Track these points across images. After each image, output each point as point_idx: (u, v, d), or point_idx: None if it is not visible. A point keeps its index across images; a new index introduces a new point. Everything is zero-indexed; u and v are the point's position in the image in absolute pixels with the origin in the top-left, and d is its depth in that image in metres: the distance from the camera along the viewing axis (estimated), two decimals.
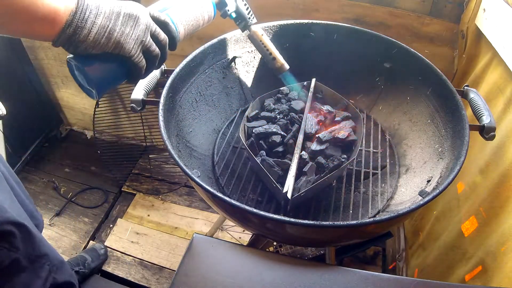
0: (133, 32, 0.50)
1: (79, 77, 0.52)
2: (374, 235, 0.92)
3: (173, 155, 0.69)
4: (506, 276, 0.74)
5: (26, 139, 1.85)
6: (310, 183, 0.77)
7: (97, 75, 0.51)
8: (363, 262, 1.44)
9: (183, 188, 1.75)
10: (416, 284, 0.62)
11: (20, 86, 1.71)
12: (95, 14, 0.46)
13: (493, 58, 0.95)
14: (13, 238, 0.84)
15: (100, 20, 0.46)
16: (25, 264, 0.88)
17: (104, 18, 0.47)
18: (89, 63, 0.50)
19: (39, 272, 0.93)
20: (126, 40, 0.49)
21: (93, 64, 0.50)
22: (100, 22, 0.46)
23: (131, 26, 0.49)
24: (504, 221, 0.79)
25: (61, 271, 1.02)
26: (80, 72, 0.51)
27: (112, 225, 1.61)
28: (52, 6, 0.43)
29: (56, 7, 0.43)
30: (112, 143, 1.88)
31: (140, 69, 0.53)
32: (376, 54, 0.99)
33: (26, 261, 0.89)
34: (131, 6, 0.50)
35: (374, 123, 1.03)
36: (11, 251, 0.84)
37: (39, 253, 0.93)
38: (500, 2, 0.88)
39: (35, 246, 0.91)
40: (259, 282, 0.63)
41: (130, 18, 0.49)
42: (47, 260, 0.96)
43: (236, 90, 1.06)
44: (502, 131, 0.85)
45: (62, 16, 0.44)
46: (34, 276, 0.92)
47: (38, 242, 0.93)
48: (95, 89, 0.52)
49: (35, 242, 0.91)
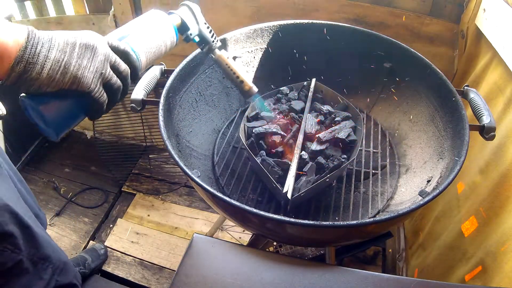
0: (91, 64, 0.45)
1: (35, 117, 0.47)
2: (374, 235, 0.92)
3: (173, 155, 0.69)
4: (506, 276, 0.74)
5: (26, 139, 1.85)
6: (310, 183, 0.77)
7: (54, 114, 0.46)
8: (363, 262, 1.44)
9: (183, 188, 1.75)
10: (416, 284, 0.62)
11: None
12: (48, 48, 0.42)
13: (493, 58, 0.95)
14: (17, 240, 0.83)
15: (53, 53, 0.42)
16: (28, 266, 0.88)
17: (58, 51, 0.43)
18: (44, 102, 0.45)
19: (42, 274, 0.93)
20: (84, 73, 0.45)
21: (48, 103, 0.46)
22: (54, 56, 0.42)
23: (88, 58, 0.45)
24: (504, 221, 0.79)
25: (64, 272, 1.01)
26: (34, 112, 0.46)
27: (112, 225, 1.61)
28: (0, 41, 0.39)
29: (3, 41, 0.39)
30: (112, 143, 1.88)
31: (101, 105, 0.49)
32: (376, 54, 0.99)
33: (29, 263, 0.88)
34: (87, 36, 0.46)
35: (374, 123, 1.03)
36: (14, 253, 0.83)
37: (42, 255, 0.93)
38: (500, 2, 0.88)
39: (38, 247, 0.91)
40: (259, 282, 0.63)
41: (87, 49, 0.45)
42: (50, 262, 0.95)
43: (236, 90, 1.06)
44: (502, 131, 0.85)
45: (11, 51, 0.40)
46: (37, 278, 0.92)
47: (42, 244, 0.92)
48: (53, 130, 0.47)
49: (38, 244, 0.91)
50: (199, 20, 0.69)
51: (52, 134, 0.48)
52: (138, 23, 0.60)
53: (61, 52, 0.43)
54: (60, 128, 0.48)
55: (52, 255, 0.96)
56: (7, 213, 0.80)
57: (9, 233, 0.81)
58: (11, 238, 0.82)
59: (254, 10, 1.22)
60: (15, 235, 0.82)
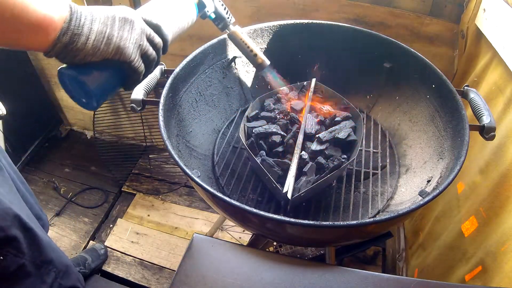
0: (131, 36, 0.48)
1: (74, 88, 0.49)
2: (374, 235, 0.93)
3: (173, 155, 0.69)
4: (506, 276, 0.74)
5: (26, 139, 1.85)
6: (310, 183, 0.77)
7: (95, 84, 0.48)
8: (363, 262, 1.44)
9: (183, 188, 1.75)
10: (416, 284, 0.62)
11: (20, 86, 1.71)
12: (91, 20, 0.44)
13: (493, 58, 0.95)
14: (20, 244, 0.83)
15: (96, 25, 0.45)
16: (31, 269, 0.87)
17: (100, 24, 0.45)
18: (86, 73, 0.47)
19: (45, 278, 0.92)
20: (126, 44, 0.47)
21: (90, 73, 0.47)
22: (97, 27, 0.45)
23: (128, 30, 0.48)
24: (504, 221, 0.79)
25: (67, 276, 1.01)
26: (75, 83, 0.48)
27: (112, 225, 1.61)
28: (45, 13, 0.41)
29: (48, 14, 0.41)
30: (112, 143, 1.88)
31: (139, 74, 0.52)
32: (376, 54, 0.99)
33: (32, 267, 0.88)
34: (124, 10, 0.49)
35: (374, 123, 1.03)
36: (17, 257, 0.83)
37: (45, 259, 0.92)
38: (500, 2, 0.88)
39: (41, 251, 0.91)
40: (259, 282, 0.63)
41: (126, 22, 0.48)
42: (53, 265, 0.95)
43: (236, 90, 1.06)
44: (502, 131, 0.85)
45: (56, 23, 0.42)
46: (40, 281, 0.91)
47: (45, 247, 0.92)
48: (94, 100, 0.49)
49: (41, 247, 0.90)
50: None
51: (91, 104, 0.50)
52: (164, 0, 0.62)
53: (103, 24, 0.45)
54: (100, 98, 0.50)
55: (54, 258, 0.96)
56: (10, 216, 0.80)
57: (12, 237, 0.80)
58: (14, 242, 0.81)
59: (254, 10, 1.22)
60: (18, 239, 0.82)
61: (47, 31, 0.42)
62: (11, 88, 1.64)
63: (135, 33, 0.49)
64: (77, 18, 0.43)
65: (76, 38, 0.44)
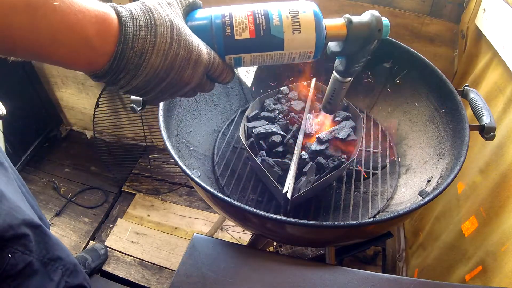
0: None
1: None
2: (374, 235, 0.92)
3: (173, 155, 0.69)
4: (506, 276, 0.74)
5: (26, 139, 1.85)
6: (310, 183, 0.77)
7: None
8: (363, 262, 1.44)
9: (183, 188, 1.75)
10: (416, 284, 0.62)
11: (20, 86, 1.71)
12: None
13: (493, 58, 0.95)
14: (28, 241, 0.83)
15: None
16: (38, 267, 0.87)
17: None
18: None
19: (52, 276, 0.92)
20: None
21: None
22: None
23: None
24: (504, 221, 0.79)
25: (74, 274, 1.01)
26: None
27: (112, 225, 1.61)
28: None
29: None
30: (112, 143, 1.88)
31: None
32: (376, 54, 0.99)
33: (39, 264, 0.88)
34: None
35: (374, 123, 1.03)
36: (25, 254, 0.83)
37: (53, 256, 0.92)
38: (500, 2, 0.88)
39: (48, 248, 0.91)
40: (259, 282, 0.63)
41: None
42: (60, 263, 0.95)
43: (236, 90, 1.06)
44: (502, 131, 0.85)
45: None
46: (47, 279, 0.91)
47: (52, 245, 0.92)
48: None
49: (49, 245, 0.90)
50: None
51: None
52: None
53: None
54: None
55: (62, 256, 0.96)
56: (19, 214, 0.80)
57: (21, 234, 0.80)
58: (23, 240, 0.81)
59: None
60: (27, 236, 0.82)
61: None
62: (11, 88, 1.64)
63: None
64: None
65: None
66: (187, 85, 0.41)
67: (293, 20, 0.42)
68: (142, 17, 0.36)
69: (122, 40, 0.35)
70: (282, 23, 0.42)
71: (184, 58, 0.38)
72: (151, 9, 0.37)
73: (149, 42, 0.36)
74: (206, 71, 0.42)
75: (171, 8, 0.39)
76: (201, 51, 0.40)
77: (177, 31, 0.38)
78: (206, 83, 0.44)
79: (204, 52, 0.40)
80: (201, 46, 0.40)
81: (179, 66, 0.38)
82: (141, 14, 0.36)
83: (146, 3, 0.37)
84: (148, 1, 0.38)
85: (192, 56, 0.39)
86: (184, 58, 0.38)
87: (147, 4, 0.37)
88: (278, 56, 0.44)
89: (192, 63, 0.39)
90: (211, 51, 0.42)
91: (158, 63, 0.37)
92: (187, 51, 0.38)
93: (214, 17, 0.42)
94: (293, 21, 0.42)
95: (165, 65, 0.37)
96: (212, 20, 0.42)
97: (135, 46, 0.35)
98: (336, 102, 0.68)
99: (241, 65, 0.45)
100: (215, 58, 0.42)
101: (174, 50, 0.37)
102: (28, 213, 0.83)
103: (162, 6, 0.38)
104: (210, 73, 0.43)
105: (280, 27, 0.42)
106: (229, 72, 0.45)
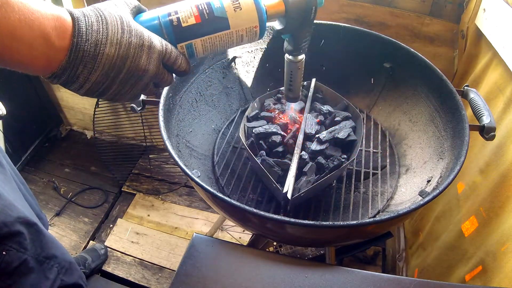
0: None
1: None
2: (374, 235, 0.92)
3: (173, 155, 0.69)
4: (506, 276, 0.74)
5: (26, 139, 1.85)
6: (310, 183, 0.77)
7: None
8: (363, 262, 1.44)
9: (183, 188, 1.75)
10: (416, 284, 0.62)
11: (20, 86, 1.71)
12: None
13: (493, 58, 0.95)
14: (23, 239, 0.83)
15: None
16: (33, 265, 0.87)
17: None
18: None
19: (47, 274, 0.92)
20: None
21: None
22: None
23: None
24: (504, 221, 0.79)
25: (70, 272, 1.01)
26: None
27: (112, 225, 1.61)
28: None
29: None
30: (112, 143, 1.88)
31: None
32: (376, 54, 0.99)
33: (34, 262, 0.88)
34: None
35: (374, 123, 1.03)
36: (20, 252, 0.83)
37: (48, 254, 0.92)
38: (500, 2, 0.88)
39: (43, 246, 0.91)
40: (259, 282, 0.63)
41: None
42: (56, 261, 0.95)
43: (236, 90, 1.06)
44: (502, 131, 0.85)
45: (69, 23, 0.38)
46: (42, 277, 0.91)
47: (47, 243, 0.92)
48: None
49: (44, 243, 0.90)
50: None
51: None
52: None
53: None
54: None
55: (57, 254, 0.96)
56: (13, 212, 0.80)
57: (15, 232, 0.80)
58: (17, 237, 0.82)
59: None
60: (21, 234, 0.82)
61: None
62: (11, 88, 1.64)
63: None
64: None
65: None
66: (145, 73, 0.43)
67: (232, 0, 0.47)
68: (92, 15, 0.40)
69: (76, 33, 0.38)
70: (222, 4, 0.46)
71: (138, 45, 0.41)
72: (100, 8, 0.41)
73: (102, 34, 0.39)
74: (161, 58, 0.44)
75: (119, 8, 0.43)
76: (153, 38, 0.43)
77: (127, 23, 0.41)
78: (164, 72, 0.46)
79: (156, 39, 0.43)
80: (152, 35, 0.43)
81: (134, 53, 0.41)
82: (91, 12, 0.40)
83: (95, 5, 0.41)
84: (96, 4, 0.41)
85: (145, 43, 0.42)
86: (137, 45, 0.41)
87: (96, 5, 0.41)
88: (227, 37, 0.48)
89: (146, 49, 0.42)
90: (163, 40, 0.44)
91: (114, 52, 0.39)
92: (139, 39, 0.41)
93: (161, 16, 0.46)
94: (232, 1, 0.47)
95: (120, 54, 0.40)
96: (159, 19, 0.45)
97: (89, 39, 0.38)
98: (296, 87, 0.70)
99: (194, 53, 0.48)
100: (167, 45, 0.45)
101: (126, 39, 0.40)
102: (23, 211, 0.83)
103: (110, 6, 0.42)
104: (165, 61, 0.45)
105: (222, 8, 0.46)
106: (183, 59, 0.47)
